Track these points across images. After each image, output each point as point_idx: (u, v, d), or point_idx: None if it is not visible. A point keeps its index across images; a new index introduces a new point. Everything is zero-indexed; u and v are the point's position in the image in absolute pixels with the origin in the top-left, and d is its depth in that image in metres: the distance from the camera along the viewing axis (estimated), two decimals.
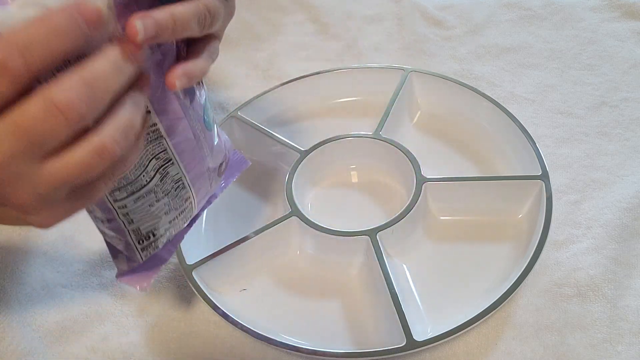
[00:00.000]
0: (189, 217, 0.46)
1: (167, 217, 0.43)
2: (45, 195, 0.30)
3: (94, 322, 0.55)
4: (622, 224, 0.57)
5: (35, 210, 0.31)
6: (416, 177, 0.59)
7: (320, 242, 0.57)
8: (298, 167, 0.62)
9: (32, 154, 0.29)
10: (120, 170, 0.33)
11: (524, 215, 0.58)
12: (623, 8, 0.81)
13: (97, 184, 0.32)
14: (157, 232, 0.44)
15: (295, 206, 0.58)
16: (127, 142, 0.31)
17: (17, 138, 0.28)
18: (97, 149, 0.29)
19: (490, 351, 0.50)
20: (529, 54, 0.77)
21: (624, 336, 0.50)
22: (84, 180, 0.31)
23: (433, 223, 0.59)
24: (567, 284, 0.54)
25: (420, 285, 0.55)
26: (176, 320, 0.55)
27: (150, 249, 0.44)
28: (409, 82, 0.69)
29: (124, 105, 0.31)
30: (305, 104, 0.72)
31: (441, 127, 0.69)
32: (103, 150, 0.29)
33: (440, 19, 0.84)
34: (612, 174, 0.62)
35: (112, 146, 0.30)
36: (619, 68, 0.74)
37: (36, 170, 0.29)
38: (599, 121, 0.68)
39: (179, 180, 0.43)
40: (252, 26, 0.85)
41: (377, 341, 0.51)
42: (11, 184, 0.30)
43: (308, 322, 0.54)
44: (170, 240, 0.46)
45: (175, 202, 0.43)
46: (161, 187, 0.41)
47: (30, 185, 0.30)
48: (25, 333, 0.54)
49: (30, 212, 0.32)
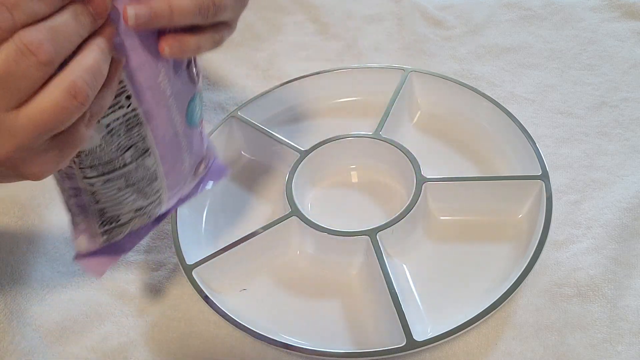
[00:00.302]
0: (156, 211, 0.46)
1: (133, 205, 0.43)
2: (28, 144, 0.32)
3: (94, 322, 0.55)
4: (622, 224, 0.57)
5: (21, 162, 0.33)
6: (416, 177, 0.59)
7: (320, 242, 0.57)
8: (298, 167, 0.62)
9: (8, 100, 0.30)
10: (96, 115, 0.35)
11: (524, 215, 0.58)
12: (623, 8, 0.81)
13: (78, 129, 0.33)
14: (121, 218, 0.44)
15: (295, 206, 0.58)
16: (96, 83, 0.32)
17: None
18: (68, 87, 0.31)
19: (490, 351, 0.50)
20: (529, 54, 0.77)
21: (624, 336, 0.50)
22: (61, 123, 0.32)
23: (433, 223, 0.59)
24: (567, 284, 0.54)
25: (420, 285, 0.55)
26: (176, 320, 0.55)
27: (111, 234, 0.44)
28: (409, 82, 0.69)
29: (90, 49, 0.33)
30: (305, 104, 0.72)
31: (441, 127, 0.69)
32: (74, 89, 0.31)
33: (440, 19, 0.84)
34: (612, 174, 0.62)
35: (82, 85, 0.31)
36: (619, 68, 0.74)
37: (13, 119, 0.31)
38: (599, 121, 0.68)
39: (153, 171, 0.43)
40: (252, 26, 0.85)
41: (377, 341, 0.51)
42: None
43: (308, 322, 0.54)
44: (134, 232, 0.46)
45: (145, 192, 0.43)
46: (134, 174, 0.41)
47: (10, 135, 0.31)
48: (25, 333, 0.54)
49: (18, 165, 0.33)
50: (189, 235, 0.59)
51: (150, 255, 0.60)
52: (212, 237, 0.61)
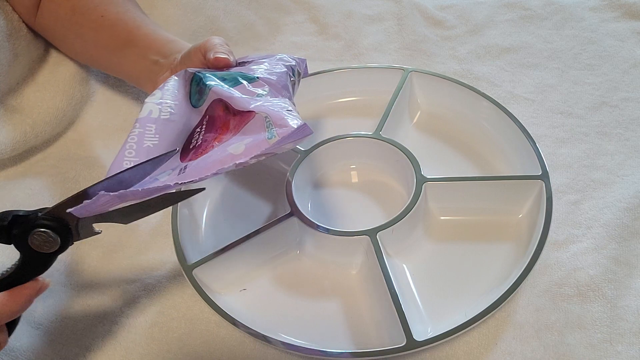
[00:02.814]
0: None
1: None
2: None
3: (94, 322, 0.55)
4: (622, 224, 0.57)
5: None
6: (416, 177, 0.59)
7: (320, 242, 0.57)
8: (298, 167, 0.62)
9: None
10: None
11: (524, 215, 0.58)
12: (623, 8, 0.81)
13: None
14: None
15: (295, 206, 0.58)
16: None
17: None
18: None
19: (490, 351, 0.50)
20: (529, 54, 0.77)
21: (624, 336, 0.50)
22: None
23: (433, 223, 0.59)
24: (567, 284, 0.54)
25: (420, 285, 0.55)
26: (176, 320, 0.55)
27: None
28: (409, 82, 0.69)
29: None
30: (306, 104, 0.72)
31: (441, 127, 0.69)
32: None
33: (440, 19, 0.84)
34: (612, 174, 0.62)
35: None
36: (619, 68, 0.74)
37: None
38: (599, 121, 0.68)
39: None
40: (252, 26, 0.85)
41: (377, 341, 0.51)
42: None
43: (308, 322, 0.54)
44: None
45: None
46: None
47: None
48: (26, 332, 0.54)
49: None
50: (189, 235, 0.59)
51: (150, 255, 0.60)
52: (212, 237, 0.61)
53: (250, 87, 0.50)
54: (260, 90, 0.50)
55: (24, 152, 0.68)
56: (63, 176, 0.66)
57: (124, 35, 0.65)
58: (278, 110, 0.45)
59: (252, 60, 0.56)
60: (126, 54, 0.65)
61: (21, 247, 0.43)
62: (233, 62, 0.55)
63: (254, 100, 0.48)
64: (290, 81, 0.54)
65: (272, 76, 0.52)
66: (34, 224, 0.43)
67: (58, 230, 0.43)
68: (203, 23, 0.81)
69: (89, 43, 0.67)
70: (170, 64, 0.60)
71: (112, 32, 0.65)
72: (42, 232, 0.43)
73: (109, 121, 0.73)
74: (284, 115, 0.44)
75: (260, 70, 0.53)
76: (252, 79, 0.51)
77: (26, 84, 0.70)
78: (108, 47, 0.66)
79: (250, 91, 0.50)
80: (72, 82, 0.71)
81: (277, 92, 0.51)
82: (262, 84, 0.51)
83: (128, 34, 0.65)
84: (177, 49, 0.61)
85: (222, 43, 0.56)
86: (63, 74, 0.71)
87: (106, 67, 0.71)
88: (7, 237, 0.43)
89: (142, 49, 0.63)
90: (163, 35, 0.64)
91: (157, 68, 0.61)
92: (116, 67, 0.68)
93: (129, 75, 0.68)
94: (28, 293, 0.45)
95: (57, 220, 0.43)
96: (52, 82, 0.70)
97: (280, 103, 0.47)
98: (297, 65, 0.56)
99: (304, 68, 0.58)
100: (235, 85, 0.51)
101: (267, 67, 0.54)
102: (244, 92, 0.50)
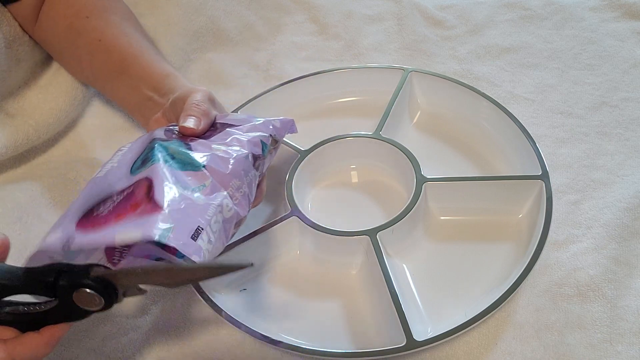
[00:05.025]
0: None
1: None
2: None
3: (94, 322, 0.55)
4: (622, 224, 0.57)
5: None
6: (416, 177, 0.59)
7: (320, 242, 0.57)
8: (298, 167, 0.62)
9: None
10: None
11: (524, 215, 0.58)
12: (623, 8, 0.81)
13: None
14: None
15: (295, 206, 0.58)
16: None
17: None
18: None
19: (490, 351, 0.50)
20: (529, 54, 0.77)
21: (624, 336, 0.50)
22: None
23: (433, 223, 0.59)
24: (567, 284, 0.54)
25: (420, 285, 0.55)
26: (176, 320, 0.55)
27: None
28: (409, 82, 0.69)
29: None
30: (305, 104, 0.72)
31: (441, 127, 0.69)
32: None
33: (440, 19, 0.84)
34: (612, 174, 0.62)
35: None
36: (619, 68, 0.74)
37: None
38: (599, 121, 0.68)
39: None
40: (252, 26, 0.85)
41: (377, 341, 0.51)
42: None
43: (308, 322, 0.54)
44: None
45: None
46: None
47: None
48: None
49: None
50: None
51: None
52: None
53: (188, 178, 0.47)
54: (197, 184, 0.47)
55: (25, 153, 0.68)
56: (63, 177, 0.66)
57: (119, 63, 0.63)
58: (181, 218, 0.43)
59: (227, 123, 0.53)
60: (120, 83, 0.64)
61: (63, 298, 0.42)
62: (199, 132, 0.51)
63: (180, 197, 0.45)
64: (255, 163, 0.51)
65: (226, 164, 0.48)
66: (81, 282, 0.41)
67: (104, 293, 0.42)
68: (204, 23, 0.81)
69: (84, 64, 0.67)
70: (163, 105, 0.58)
71: (107, 58, 0.64)
72: (89, 293, 0.41)
73: (110, 122, 0.73)
74: (159, 226, 0.42)
75: (219, 151, 0.49)
76: (197, 168, 0.47)
77: (28, 87, 0.70)
78: (102, 72, 0.65)
79: (186, 182, 0.46)
80: (74, 83, 0.71)
81: (221, 185, 0.47)
82: (205, 176, 0.47)
83: (123, 61, 0.63)
84: (172, 88, 0.59)
85: (199, 103, 0.52)
86: (65, 76, 0.71)
87: (101, 90, 0.70)
88: (52, 292, 0.42)
89: (136, 80, 0.62)
90: (160, 68, 0.63)
91: (151, 104, 0.60)
92: (110, 93, 0.68)
93: (122, 104, 0.67)
94: (60, 336, 0.43)
95: (105, 283, 0.42)
96: (54, 84, 0.70)
97: (195, 212, 0.44)
98: (277, 133, 0.54)
99: (290, 128, 0.56)
100: (180, 168, 0.47)
101: (232, 144, 0.50)
102: (179, 181, 0.46)
